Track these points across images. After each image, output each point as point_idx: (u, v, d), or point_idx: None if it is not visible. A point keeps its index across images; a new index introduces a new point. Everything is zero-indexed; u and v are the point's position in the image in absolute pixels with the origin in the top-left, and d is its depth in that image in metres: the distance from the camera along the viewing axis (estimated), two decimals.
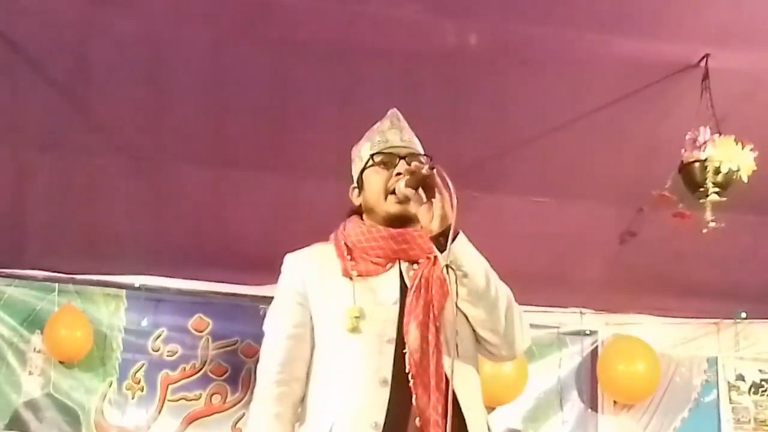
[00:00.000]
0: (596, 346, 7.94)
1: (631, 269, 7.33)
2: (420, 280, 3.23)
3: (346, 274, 3.30)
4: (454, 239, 3.07)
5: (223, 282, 7.66)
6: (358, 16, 5.11)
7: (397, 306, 3.24)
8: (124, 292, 7.70)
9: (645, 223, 6.84)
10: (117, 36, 5.60)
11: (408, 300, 3.20)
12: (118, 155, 6.54)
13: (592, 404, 7.89)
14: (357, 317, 3.19)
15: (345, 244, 3.39)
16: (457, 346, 3.15)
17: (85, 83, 5.99)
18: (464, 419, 3.10)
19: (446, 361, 3.13)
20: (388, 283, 3.29)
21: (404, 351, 3.13)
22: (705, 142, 5.46)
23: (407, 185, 3.18)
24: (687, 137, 5.53)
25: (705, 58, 5.51)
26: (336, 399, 3.17)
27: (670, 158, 5.62)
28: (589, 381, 7.91)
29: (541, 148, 6.25)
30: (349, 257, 3.35)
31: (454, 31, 5.44)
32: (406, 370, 3.11)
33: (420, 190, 3.16)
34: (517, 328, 3.26)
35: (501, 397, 7.40)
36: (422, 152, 3.45)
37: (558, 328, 7.87)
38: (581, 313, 7.92)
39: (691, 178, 5.54)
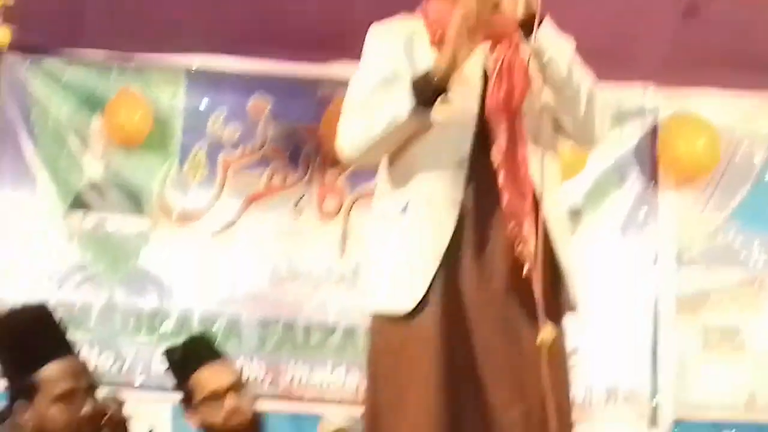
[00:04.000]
0: (657, 123, 7.84)
1: (695, 43, 7.20)
2: (502, 65, 3.18)
3: (434, 43, 3.26)
4: (540, 23, 3.07)
5: (284, 59, 7.53)
6: None
7: (479, 88, 3.24)
8: (183, 72, 7.63)
9: None
10: None
11: (490, 85, 3.19)
12: None
13: (652, 181, 7.85)
14: None
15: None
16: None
17: None
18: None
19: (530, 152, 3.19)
20: (471, 62, 3.21)
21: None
22: None
23: None
24: None
25: None
26: (414, 178, 3.17)
27: None
28: (649, 158, 7.85)
29: None
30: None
31: None
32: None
33: None
34: (597, 119, 3.33)
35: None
36: None
37: (618, 104, 7.75)
38: (643, 88, 7.80)
39: None
